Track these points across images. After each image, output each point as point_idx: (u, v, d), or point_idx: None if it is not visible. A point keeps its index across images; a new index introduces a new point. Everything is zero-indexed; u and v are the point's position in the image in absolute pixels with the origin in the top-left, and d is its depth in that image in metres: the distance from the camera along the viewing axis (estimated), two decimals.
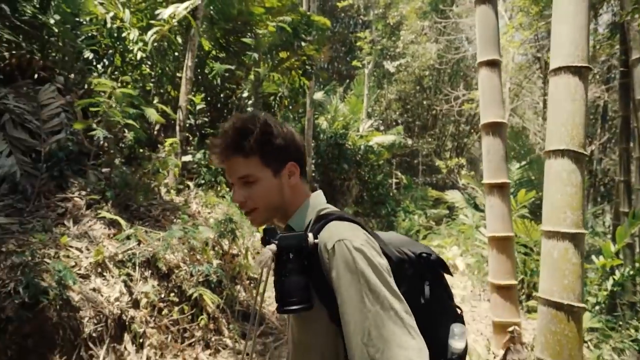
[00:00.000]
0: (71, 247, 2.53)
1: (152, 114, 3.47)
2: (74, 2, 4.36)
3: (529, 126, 15.08)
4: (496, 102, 2.43)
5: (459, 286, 5.68)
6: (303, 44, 6.34)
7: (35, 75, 4.53)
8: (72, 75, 4.87)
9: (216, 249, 3.39)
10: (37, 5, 4.74)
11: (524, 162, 8.94)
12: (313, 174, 9.53)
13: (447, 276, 1.02)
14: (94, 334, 2.30)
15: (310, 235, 0.87)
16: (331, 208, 0.99)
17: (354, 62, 13.28)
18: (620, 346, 2.66)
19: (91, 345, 2.27)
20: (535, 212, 7.98)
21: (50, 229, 2.60)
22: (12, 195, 3.03)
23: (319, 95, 10.10)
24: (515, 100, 13.98)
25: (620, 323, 3.86)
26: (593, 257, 4.75)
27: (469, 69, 16.60)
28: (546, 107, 12.50)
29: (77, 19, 4.61)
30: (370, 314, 0.79)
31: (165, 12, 4.27)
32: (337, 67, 17.26)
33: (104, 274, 2.60)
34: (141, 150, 4.27)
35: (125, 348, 2.47)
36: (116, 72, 5.10)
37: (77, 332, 2.22)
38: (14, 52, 4.65)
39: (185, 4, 4.25)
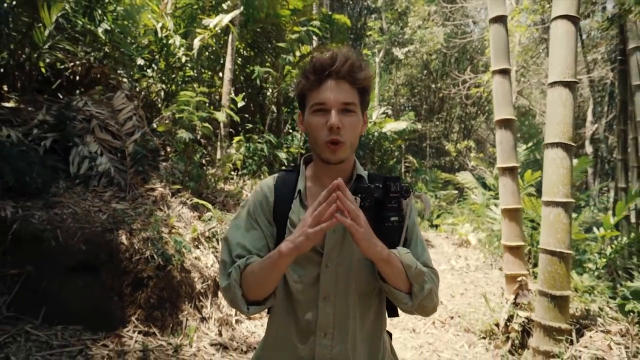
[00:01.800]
0: (175, 226, 3.27)
1: (219, 116, 4.16)
2: (132, 17, 5.02)
3: (535, 107, 15.56)
4: (507, 103, 3.09)
5: (473, 258, 6.42)
6: (325, 41, 6.94)
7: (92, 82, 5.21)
8: (126, 80, 5.55)
9: None
10: (88, 18, 5.37)
11: (530, 144, 9.50)
12: None
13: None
14: (201, 290, 3.06)
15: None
16: None
17: (365, 51, 13.76)
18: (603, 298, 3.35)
19: (201, 298, 3.03)
20: (540, 190, 8.64)
21: (153, 213, 3.33)
22: (110, 187, 3.76)
23: None
24: (521, 82, 14.45)
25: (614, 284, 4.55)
26: (594, 228, 5.44)
27: (476, 51, 16.99)
28: None
29: (133, 30, 5.27)
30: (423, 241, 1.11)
31: (212, 22, 4.91)
32: None
33: (199, 246, 3.35)
34: (194, 146, 4.97)
35: (220, 302, 3.23)
36: (162, 76, 5.78)
37: (192, 288, 2.98)
38: (77, 62, 5.31)
39: (230, 15, 4.89)
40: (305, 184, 1.07)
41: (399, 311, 1.07)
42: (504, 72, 3.08)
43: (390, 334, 1.15)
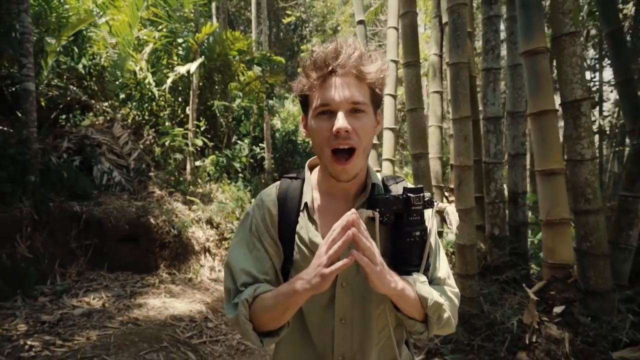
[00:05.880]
0: (177, 213, 5.41)
1: (198, 143, 6.30)
2: (117, 64, 6.95)
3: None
4: None
5: None
6: (264, 73, 9.26)
7: (78, 111, 7.05)
8: (109, 110, 7.43)
9: (236, 213, 6.37)
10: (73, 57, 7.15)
11: None
12: (272, 167, 12.41)
13: None
14: (199, 251, 5.24)
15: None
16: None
17: (299, 69, 16.13)
18: None
19: (199, 255, 5.22)
20: None
21: (162, 206, 5.44)
22: (124, 192, 5.78)
23: (271, 101, 12.97)
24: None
25: None
26: None
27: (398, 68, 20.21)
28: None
29: (118, 74, 7.18)
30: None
31: (182, 69, 6.99)
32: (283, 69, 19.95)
33: (193, 226, 5.51)
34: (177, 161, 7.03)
35: (208, 259, 5.43)
36: (138, 106, 7.71)
37: (194, 248, 5.15)
38: (68, 97, 7.08)
39: (195, 64, 7.01)
40: (311, 195, 1.03)
41: None
42: None
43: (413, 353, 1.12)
